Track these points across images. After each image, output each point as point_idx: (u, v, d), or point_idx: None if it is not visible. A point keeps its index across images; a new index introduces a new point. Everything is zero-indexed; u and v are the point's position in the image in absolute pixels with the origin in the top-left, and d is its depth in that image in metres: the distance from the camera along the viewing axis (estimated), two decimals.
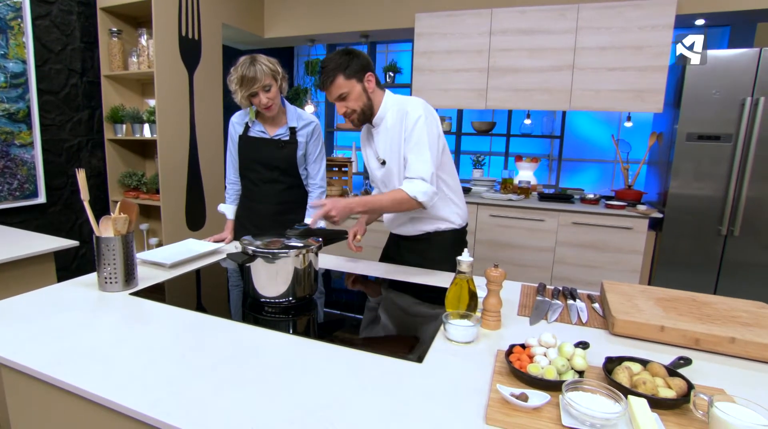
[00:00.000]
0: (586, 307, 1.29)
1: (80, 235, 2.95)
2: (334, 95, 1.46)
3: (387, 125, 1.52)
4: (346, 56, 1.44)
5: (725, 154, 2.71)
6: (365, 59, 1.47)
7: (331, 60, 1.44)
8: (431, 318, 1.19)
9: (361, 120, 1.52)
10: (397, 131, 1.49)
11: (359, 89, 1.46)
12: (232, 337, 1.04)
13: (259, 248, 1.15)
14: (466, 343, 1.04)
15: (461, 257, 1.14)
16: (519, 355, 0.90)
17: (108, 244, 1.25)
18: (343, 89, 1.44)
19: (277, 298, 1.18)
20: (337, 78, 1.43)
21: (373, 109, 1.52)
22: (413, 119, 1.44)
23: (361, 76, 1.46)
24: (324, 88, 1.47)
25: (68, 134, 2.83)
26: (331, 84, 1.44)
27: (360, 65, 1.45)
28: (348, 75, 1.43)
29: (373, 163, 1.64)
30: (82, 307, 1.17)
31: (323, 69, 1.45)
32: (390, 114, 1.51)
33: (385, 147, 1.54)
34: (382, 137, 1.55)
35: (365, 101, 1.48)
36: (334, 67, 1.43)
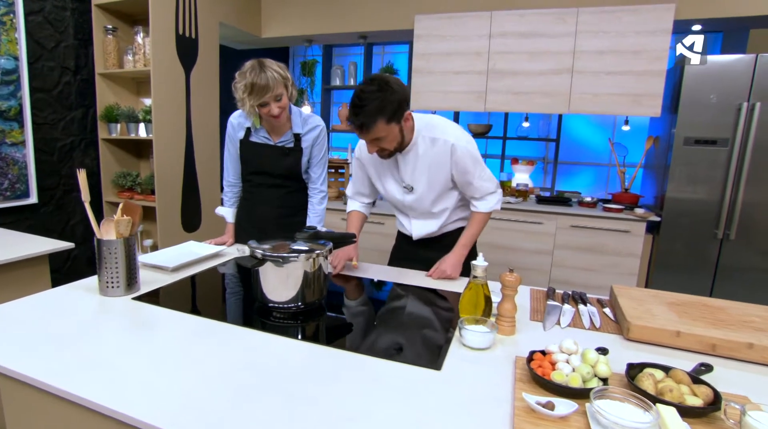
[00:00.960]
0: (598, 312, 1.28)
1: (73, 236, 2.88)
2: (370, 138, 1.35)
3: (418, 153, 1.47)
4: (388, 94, 1.27)
5: (722, 159, 2.74)
6: (404, 93, 1.33)
7: (371, 99, 1.27)
8: (444, 323, 1.17)
9: (393, 155, 1.46)
10: (439, 163, 1.46)
11: (397, 131, 1.36)
12: (243, 344, 1.01)
13: (267, 252, 1.12)
14: (482, 350, 1.02)
15: (476, 262, 1.12)
16: (540, 361, 0.89)
17: (110, 247, 1.21)
18: (381, 134, 1.33)
19: (286, 303, 1.15)
20: (378, 123, 1.29)
21: (404, 144, 1.45)
22: (463, 153, 1.44)
23: (400, 116, 1.34)
24: (359, 131, 1.33)
25: (61, 133, 2.76)
26: (369, 131, 1.31)
27: (399, 104, 1.31)
28: (389, 119, 1.30)
29: (392, 187, 1.58)
30: (83, 313, 1.13)
31: (361, 109, 1.28)
32: (422, 142, 1.46)
33: (415, 174, 1.50)
34: (411, 164, 1.49)
35: (400, 140, 1.40)
36: (375, 110, 1.27)
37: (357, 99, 1.28)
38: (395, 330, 1.15)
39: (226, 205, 1.91)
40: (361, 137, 1.37)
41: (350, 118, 1.31)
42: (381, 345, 1.06)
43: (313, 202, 1.83)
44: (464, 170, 1.48)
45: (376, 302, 1.38)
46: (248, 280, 1.47)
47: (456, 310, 1.24)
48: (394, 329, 1.15)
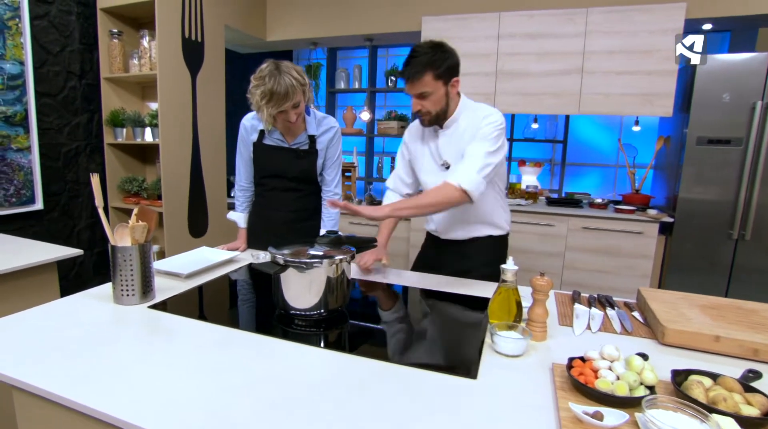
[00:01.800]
0: (627, 316, 1.24)
1: (79, 242, 2.84)
2: (416, 92, 1.36)
3: (459, 129, 1.46)
4: (440, 52, 1.34)
5: (736, 158, 2.70)
6: (456, 60, 1.38)
7: (424, 52, 1.33)
8: (473, 329, 1.13)
9: (432, 122, 1.45)
10: (470, 136, 1.43)
11: (443, 92, 1.38)
12: (265, 353, 0.97)
13: (289, 258, 1.08)
14: (516, 357, 0.98)
15: (506, 265, 1.08)
16: (581, 369, 0.85)
17: (125, 254, 1.17)
18: (427, 88, 1.35)
19: (309, 311, 1.11)
20: (425, 75, 1.33)
21: (447, 113, 1.45)
22: (489, 122, 1.38)
23: (449, 78, 1.38)
24: (406, 80, 1.36)
25: (66, 138, 2.73)
26: (418, 80, 1.33)
27: (450, 66, 1.36)
28: (438, 75, 1.34)
29: (428, 166, 1.55)
30: (98, 322, 1.10)
31: (412, 59, 1.33)
32: (465, 118, 1.46)
33: (453, 151, 1.47)
34: (452, 141, 1.48)
35: (443, 106, 1.40)
36: (426, 62, 1.32)
37: (410, 53, 1.35)
38: (423, 337, 1.11)
39: (237, 210, 1.88)
40: (408, 90, 1.38)
41: (400, 71, 1.36)
42: (409, 353, 1.02)
43: (327, 206, 1.78)
44: (473, 137, 1.38)
45: (401, 308, 1.34)
46: (265, 286, 1.43)
47: (484, 316, 1.20)
48: (422, 336, 1.11)
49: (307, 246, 1.21)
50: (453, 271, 1.56)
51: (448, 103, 1.42)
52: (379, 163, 4.56)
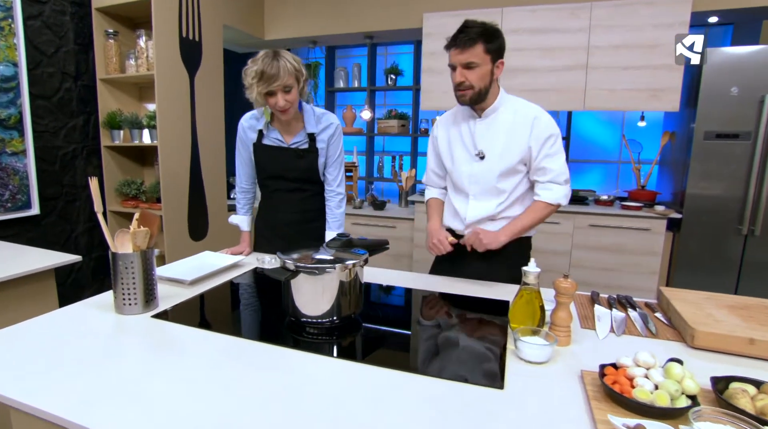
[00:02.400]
0: (650, 317, 1.20)
1: (76, 247, 2.78)
2: (465, 60, 1.35)
3: (498, 119, 1.45)
4: (493, 29, 1.36)
5: (744, 153, 2.66)
6: (504, 43, 1.41)
7: (478, 26, 1.35)
8: (494, 335, 1.09)
9: (472, 100, 1.42)
10: (518, 133, 1.42)
11: (488, 69, 1.38)
12: (277, 364, 0.92)
13: (300, 263, 1.03)
14: (541, 363, 0.94)
15: (528, 268, 1.04)
16: (614, 377, 0.80)
17: (126, 262, 1.12)
18: (476, 59, 1.34)
19: (321, 318, 1.06)
20: (477, 44, 1.33)
21: (488, 98, 1.43)
22: (546, 125, 1.41)
23: (496, 57, 1.39)
24: (457, 47, 1.35)
25: (62, 141, 2.67)
26: (469, 47, 1.33)
27: (500, 46, 1.39)
28: (488, 49, 1.35)
29: (461, 155, 1.50)
30: (100, 334, 1.04)
31: (466, 28, 1.34)
32: (505, 109, 1.45)
33: (490, 139, 1.45)
34: (490, 130, 1.46)
35: (486, 84, 1.39)
36: (480, 32, 1.33)
37: (463, 24, 1.36)
38: (442, 344, 1.06)
39: (239, 213, 1.82)
40: (455, 58, 1.36)
41: (451, 40, 1.36)
42: (429, 361, 0.97)
43: (331, 206, 1.73)
44: (541, 146, 1.42)
45: (416, 313, 1.29)
46: (272, 292, 1.38)
47: (504, 320, 1.15)
48: (441, 343, 1.06)
49: (316, 250, 1.16)
50: (475, 275, 1.51)
51: (490, 85, 1.41)
52: (380, 163, 4.51)
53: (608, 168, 4.09)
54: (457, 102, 1.48)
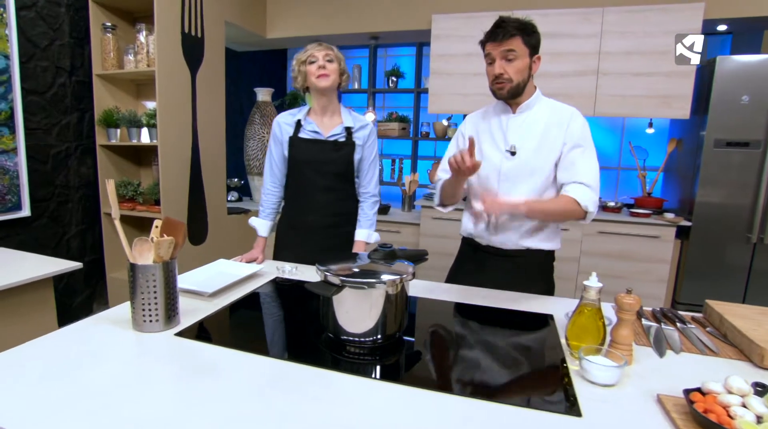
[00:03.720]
0: (702, 333, 1.14)
1: (68, 251, 2.63)
2: (504, 49, 1.32)
3: (533, 117, 1.40)
4: (531, 25, 1.35)
5: (754, 161, 2.67)
6: (540, 40, 1.38)
7: (515, 20, 1.33)
8: (549, 353, 1.02)
9: (510, 93, 1.37)
10: (554, 131, 1.37)
11: (526, 63, 1.35)
12: (325, 390, 0.83)
13: (346, 277, 0.95)
14: (610, 386, 0.87)
15: (589, 283, 0.97)
16: (705, 404, 0.74)
17: (147, 274, 1.01)
18: (516, 47, 1.32)
19: (364, 337, 0.98)
20: (516, 36, 1.31)
21: (524, 94, 1.40)
22: (583, 125, 1.38)
23: (534, 53, 1.37)
24: (495, 40, 1.32)
25: (55, 139, 2.52)
26: (508, 38, 1.31)
27: (537, 41, 1.37)
28: (527, 42, 1.33)
29: (490, 152, 1.44)
30: (121, 356, 0.93)
31: (503, 22, 1.31)
32: (540, 107, 1.42)
33: (524, 135, 1.40)
34: (523, 127, 1.40)
35: (525, 78, 1.36)
36: (518, 26, 1.31)
37: (499, 19, 1.34)
38: (493, 364, 0.98)
39: (261, 216, 1.73)
40: (494, 49, 1.33)
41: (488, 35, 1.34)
42: (486, 384, 0.89)
43: (364, 208, 1.70)
44: (576, 143, 1.36)
45: (454, 327, 1.22)
46: (296, 304, 1.30)
47: (550, 336, 1.08)
48: (492, 363, 0.99)
49: (354, 261, 1.07)
50: (495, 287, 1.44)
51: (528, 79, 1.39)
52: (380, 166, 4.43)
53: (607, 174, 4.09)
54: (494, 96, 1.43)
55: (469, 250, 1.58)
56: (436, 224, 3.22)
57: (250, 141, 3.69)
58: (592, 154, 1.39)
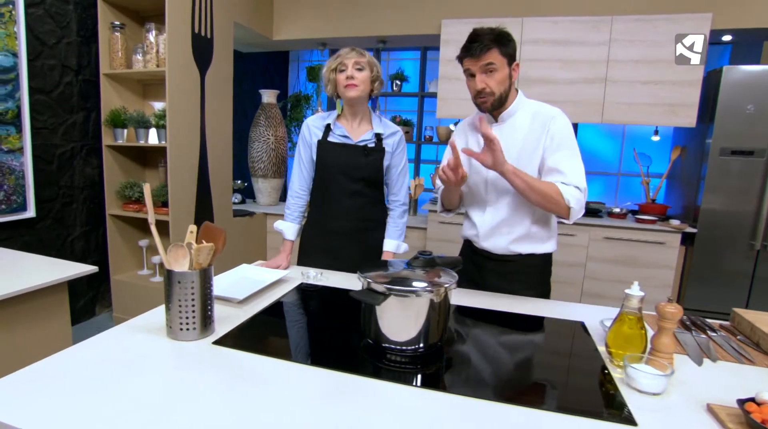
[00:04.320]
0: (734, 341, 1.16)
1: (72, 253, 2.58)
2: (483, 62, 1.32)
3: (515, 124, 1.40)
4: (505, 34, 1.34)
5: (758, 169, 2.72)
6: (515, 46, 1.38)
7: (489, 32, 1.32)
8: (588, 361, 1.02)
9: (494, 106, 1.37)
10: (535, 135, 1.37)
11: (506, 73, 1.35)
12: (374, 399, 0.82)
13: (391, 285, 0.94)
14: (656, 395, 0.87)
15: (631, 291, 0.98)
16: (761, 414, 0.74)
17: (185, 281, 0.99)
18: (494, 60, 1.31)
19: (406, 345, 0.97)
20: (493, 49, 1.31)
21: (506, 103, 1.40)
22: (565, 126, 1.37)
23: (511, 61, 1.36)
24: (473, 55, 1.32)
25: (61, 139, 2.48)
26: (486, 52, 1.31)
27: (513, 50, 1.36)
28: (504, 52, 1.32)
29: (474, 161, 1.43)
30: (162, 366, 0.91)
31: (477, 36, 1.32)
32: (522, 113, 1.40)
33: (506, 146, 1.37)
34: (506, 135, 1.39)
35: (506, 88, 1.36)
36: (493, 38, 1.31)
37: (473, 32, 1.34)
38: (537, 371, 0.98)
39: (287, 219, 1.71)
40: (472, 65, 1.33)
41: (464, 50, 1.34)
42: (533, 392, 0.89)
43: (394, 216, 1.70)
44: (557, 147, 1.35)
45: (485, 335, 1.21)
46: (327, 310, 1.29)
47: (587, 344, 1.09)
48: (535, 370, 0.99)
49: (391, 268, 1.07)
50: (492, 291, 1.45)
51: (509, 89, 1.38)
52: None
53: (608, 179, 4.13)
54: (478, 110, 1.45)
55: (468, 252, 1.59)
56: (442, 228, 3.22)
57: (255, 143, 3.66)
58: (576, 154, 1.37)
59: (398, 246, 1.69)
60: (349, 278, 1.51)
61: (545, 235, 1.47)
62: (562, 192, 1.31)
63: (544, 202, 1.33)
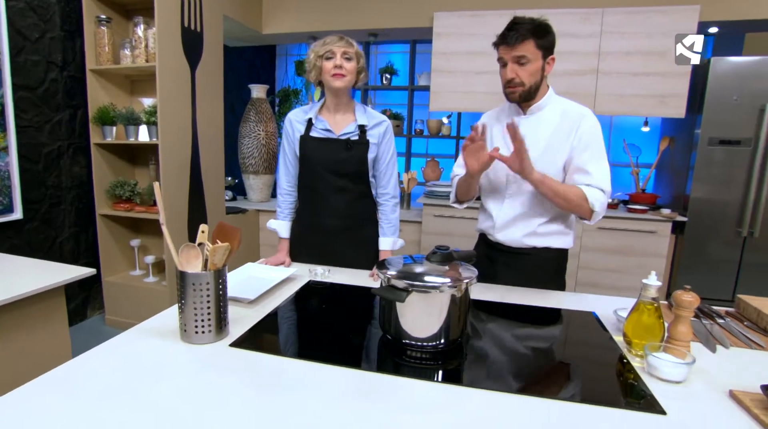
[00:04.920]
0: (742, 327, 1.18)
1: (61, 255, 2.51)
2: (516, 54, 1.31)
3: (543, 118, 1.39)
4: (544, 25, 1.32)
5: (745, 159, 2.78)
6: (555, 40, 1.35)
7: (528, 22, 1.31)
8: (596, 350, 1.03)
9: (522, 97, 1.36)
10: (563, 133, 1.36)
11: (539, 65, 1.33)
12: (404, 398, 0.82)
13: (412, 280, 0.93)
14: (678, 383, 0.88)
15: (648, 281, 0.99)
16: None
17: (199, 284, 0.96)
18: (527, 53, 1.30)
19: (427, 341, 0.96)
20: (528, 40, 1.29)
21: (537, 95, 1.39)
22: (594, 127, 1.36)
23: (547, 54, 1.34)
24: (508, 44, 1.31)
25: (47, 137, 2.39)
26: (520, 43, 1.29)
27: (551, 43, 1.34)
28: (539, 45, 1.30)
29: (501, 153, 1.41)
30: (182, 371, 0.88)
31: (516, 25, 1.30)
32: (551, 109, 1.40)
33: (533, 136, 1.37)
34: (532, 129, 1.39)
35: (537, 81, 1.35)
36: (531, 28, 1.29)
37: (513, 20, 1.32)
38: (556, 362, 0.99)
39: (279, 218, 1.68)
40: (505, 53, 1.33)
41: (500, 37, 1.33)
42: (556, 383, 0.90)
43: (386, 211, 1.64)
44: (585, 147, 1.34)
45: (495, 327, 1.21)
46: (338, 307, 1.27)
47: (601, 334, 1.10)
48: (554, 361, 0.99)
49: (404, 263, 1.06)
50: (507, 283, 1.46)
51: (540, 82, 1.37)
52: None
53: None
54: (506, 99, 1.44)
55: (483, 246, 1.59)
56: (438, 222, 3.23)
57: (245, 139, 3.60)
58: (602, 156, 1.37)
59: (394, 243, 1.66)
60: (354, 275, 1.50)
61: (562, 230, 1.46)
62: (587, 196, 1.32)
63: (568, 206, 1.35)
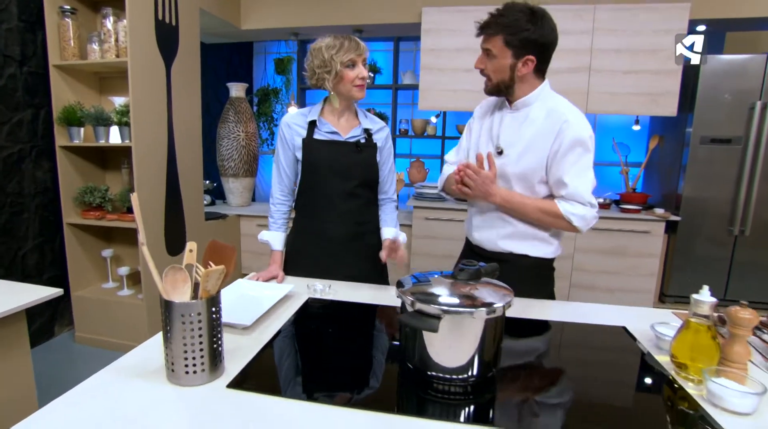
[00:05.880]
0: None
1: (24, 270, 2.28)
2: (484, 46, 1.27)
3: (529, 116, 1.29)
4: (525, 22, 1.20)
5: (736, 157, 2.78)
6: (539, 38, 1.22)
7: (510, 13, 1.21)
8: (643, 374, 0.93)
9: (488, 90, 1.31)
10: (544, 134, 1.25)
11: (506, 64, 1.24)
12: None
13: (447, 306, 0.81)
14: (746, 415, 0.79)
15: (700, 297, 0.89)
16: None
17: (188, 314, 0.81)
18: (493, 49, 1.24)
19: (456, 374, 0.84)
20: (497, 36, 1.22)
21: (513, 91, 1.29)
22: (576, 135, 1.22)
23: (522, 53, 1.23)
24: (480, 34, 1.27)
25: (5, 140, 2.16)
26: (490, 36, 1.24)
27: (528, 40, 1.21)
28: (508, 42, 1.22)
29: (483, 146, 1.37)
30: (173, 423, 0.73)
31: (492, 15, 1.23)
32: (538, 106, 1.29)
33: (514, 135, 1.29)
34: (516, 124, 1.30)
35: (504, 79, 1.27)
36: (505, 23, 1.21)
37: (506, 5, 1.24)
38: (601, 390, 0.88)
39: (272, 229, 1.54)
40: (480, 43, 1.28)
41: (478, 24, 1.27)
42: (610, 418, 0.79)
43: (387, 211, 1.57)
44: (564, 154, 1.23)
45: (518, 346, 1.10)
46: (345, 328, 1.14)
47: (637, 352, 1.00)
48: (597, 389, 0.89)
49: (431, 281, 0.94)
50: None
51: (512, 79, 1.27)
52: None
53: None
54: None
55: (466, 250, 1.51)
56: (428, 225, 3.12)
57: (224, 140, 3.41)
58: (584, 164, 1.25)
59: (397, 233, 1.56)
60: (357, 289, 1.37)
61: (542, 237, 1.35)
62: (562, 212, 1.25)
63: (545, 223, 1.30)
